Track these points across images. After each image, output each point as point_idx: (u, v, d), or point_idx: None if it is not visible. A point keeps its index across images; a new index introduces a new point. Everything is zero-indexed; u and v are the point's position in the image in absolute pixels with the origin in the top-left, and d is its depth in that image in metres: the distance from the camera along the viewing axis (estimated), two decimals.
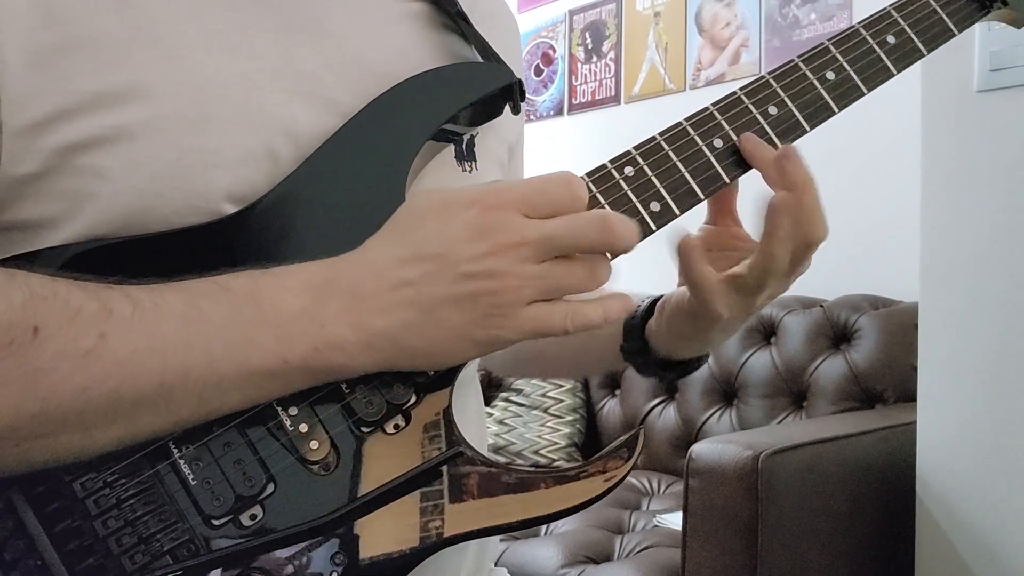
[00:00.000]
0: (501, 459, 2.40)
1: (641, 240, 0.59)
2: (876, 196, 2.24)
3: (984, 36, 1.43)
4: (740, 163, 0.61)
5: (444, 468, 0.52)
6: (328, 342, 0.49)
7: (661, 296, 0.71)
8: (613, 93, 2.94)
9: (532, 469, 0.54)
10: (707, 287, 0.60)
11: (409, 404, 0.52)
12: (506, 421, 2.46)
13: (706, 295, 0.60)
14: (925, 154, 1.51)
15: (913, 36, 0.66)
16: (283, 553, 0.49)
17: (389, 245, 0.51)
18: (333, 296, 0.49)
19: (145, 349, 0.46)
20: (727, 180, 0.60)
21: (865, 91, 0.64)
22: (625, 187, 0.58)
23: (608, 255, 0.54)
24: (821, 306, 2.11)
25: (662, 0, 2.80)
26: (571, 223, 0.51)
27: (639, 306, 0.70)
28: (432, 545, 0.51)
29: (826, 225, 0.59)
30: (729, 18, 2.61)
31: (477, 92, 0.59)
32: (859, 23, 0.65)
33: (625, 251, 0.53)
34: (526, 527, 0.54)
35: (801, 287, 2.67)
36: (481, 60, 0.63)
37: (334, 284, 0.50)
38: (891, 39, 0.65)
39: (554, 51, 3.15)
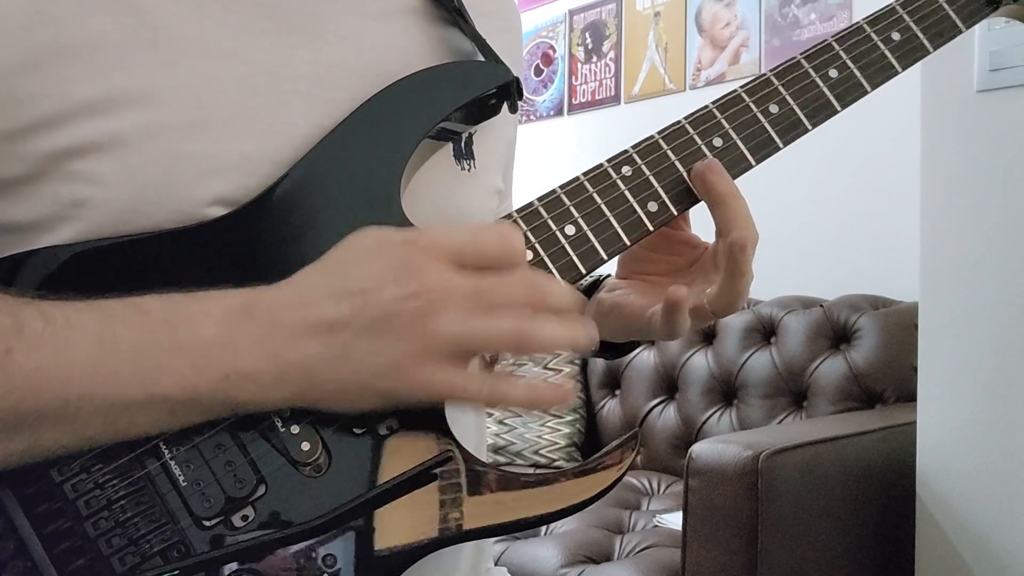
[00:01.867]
0: (501, 460, 2.40)
1: (638, 241, 0.59)
2: (876, 196, 2.24)
3: (984, 36, 1.43)
4: (740, 160, 0.60)
5: (457, 468, 0.52)
6: (240, 371, 0.47)
7: (600, 279, 0.70)
8: (613, 93, 2.94)
9: (532, 472, 0.54)
10: (681, 328, 0.59)
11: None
12: (506, 421, 2.46)
13: (673, 332, 0.60)
14: (925, 154, 1.51)
15: (919, 33, 0.65)
16: (275, 554, 0.49)
17: (316, 277, 0.49)
18: (252, 323, 0.48)
19: (51, 367, 0.45)
20: None
21: (869, 89, 0.63)
22: (622, 187, 0.58)
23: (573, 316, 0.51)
24: (821, 306, 2.11)
25: (662, 0, 2.80)
26: (499, 280, 0.49)
27: (579, 287, 0.69)
28: (452, 537, 0.51)
29: (755, 226, 0.59)
30: (729, 18, 2.61)
31: (474, 91, 0.58)
32: (863, 19, 0.64)
33: (557, 311, 0.50)
34: (545, 522, 0.53)
35: (801, 287, 2.65)
36: (479, 57, 0.63)
37: (254, 311, 0.48)
38: (896, 36, 0.64)
39: (554, 51, 3.15)
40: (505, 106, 0.61)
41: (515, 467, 2.39)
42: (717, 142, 0.60)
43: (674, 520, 1.80)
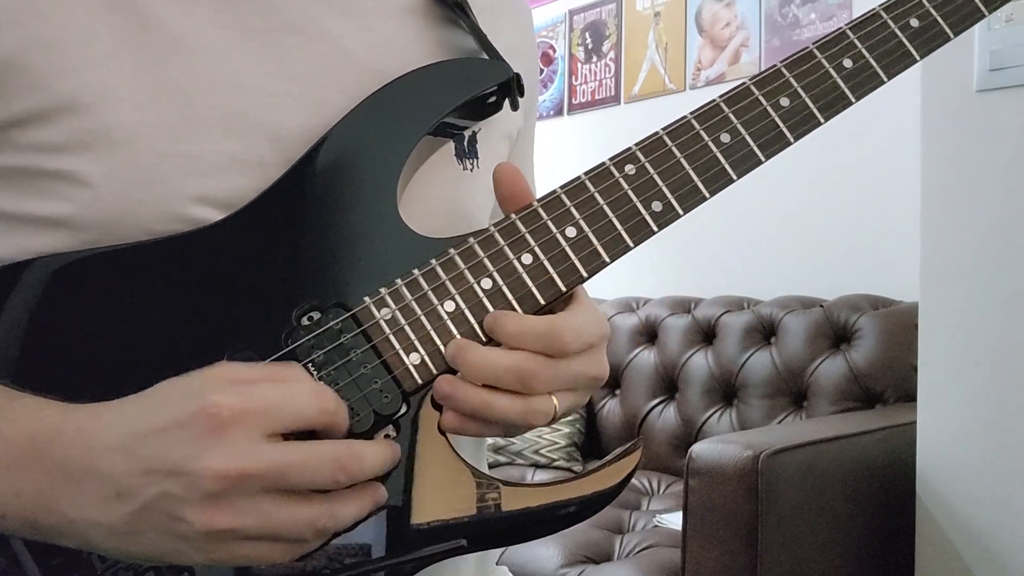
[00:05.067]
0: (501, 459, 2.38)
1: (642, 242, 0.58)
2: (876, 196, 2.24)
3: (984, 36, 1.43)
4: (750, 157, 0.58)
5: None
6: (18, 515, 0.45)
7: None
8: (613, 93, 2.94)
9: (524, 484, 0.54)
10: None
11: (399, 415, 0.51)
12: None
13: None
14: (925, 154, 1.51)
15: (939, 18, 0.61)
16: None
17: (122, 423, 0.45)
18: (39, 466, 0.44)
19: None
20: (735, 177, 0.57)
21: (885, 79, 0.60)
22: (625, 186, 0.55)
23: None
24: (821, 306, 2.11)
25: (662, 0, 2.80)
26: (305, 459, 0.44)
27: None
28: (490, 518, 0.51)
29: (577, 338, 0.52)
30: (729, 18, 2.61)
31: (473, 89, 0.57)
32: (879, 5, 0.61)
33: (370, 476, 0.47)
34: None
35: (801, 287, 2.64)
36: (483, 55, 0.61)
37: (46, 454, 0.44)
38: (915, 22, 0.61)
39: (554, 51, 3.15)
40: (507, 103, 0.60)
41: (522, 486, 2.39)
42: (724, 138, 0.57)
43: (674, 520, 1.80)
